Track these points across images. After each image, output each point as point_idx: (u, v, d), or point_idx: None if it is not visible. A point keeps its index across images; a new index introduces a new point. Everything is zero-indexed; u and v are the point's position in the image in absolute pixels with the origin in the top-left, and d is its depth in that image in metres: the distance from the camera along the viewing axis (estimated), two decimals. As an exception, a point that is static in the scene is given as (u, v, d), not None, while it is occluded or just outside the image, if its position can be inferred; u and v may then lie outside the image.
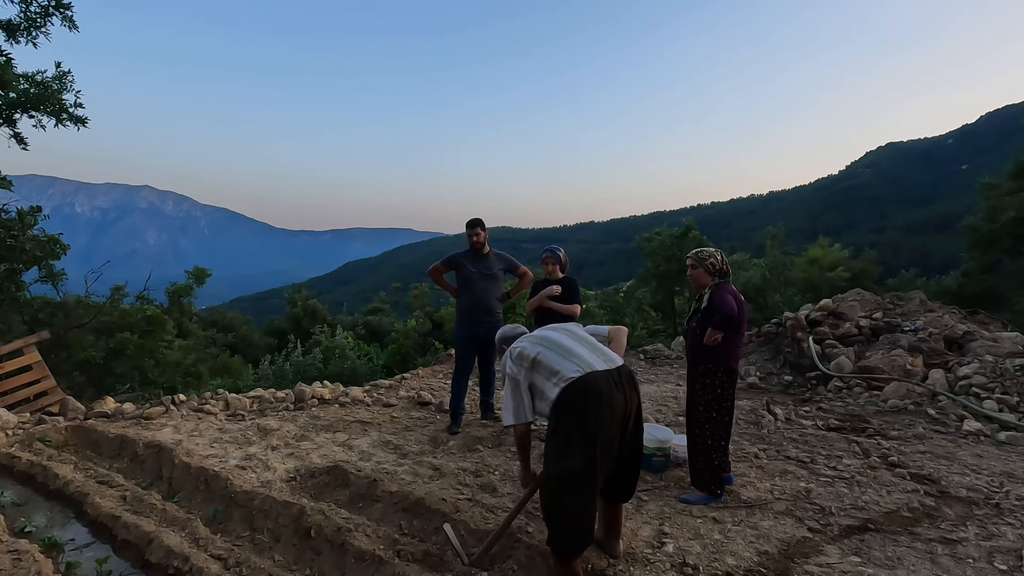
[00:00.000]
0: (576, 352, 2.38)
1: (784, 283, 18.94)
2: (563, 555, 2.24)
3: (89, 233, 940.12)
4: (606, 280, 50.67)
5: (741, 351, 3.42)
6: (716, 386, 3.26)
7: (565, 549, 2.22)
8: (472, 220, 4.69)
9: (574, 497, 2.20)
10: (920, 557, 2.65)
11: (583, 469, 2.19)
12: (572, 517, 2.20)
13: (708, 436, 3.27)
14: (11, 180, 9.01)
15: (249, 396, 5.68)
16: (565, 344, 2.43)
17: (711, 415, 3.27)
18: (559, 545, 2.23)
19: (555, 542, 2.23)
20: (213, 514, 3.16)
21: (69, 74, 8.78)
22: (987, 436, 4.47)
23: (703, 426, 3.28)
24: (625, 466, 2.43)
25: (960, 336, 6.15)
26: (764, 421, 4.79)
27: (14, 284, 9.33)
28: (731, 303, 3.17)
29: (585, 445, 2.19)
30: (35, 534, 2.99)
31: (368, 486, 3.28)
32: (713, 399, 3.27)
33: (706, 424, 3.27)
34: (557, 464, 2.22)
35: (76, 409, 5.40)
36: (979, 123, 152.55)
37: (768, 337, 7.37)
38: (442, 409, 5.31)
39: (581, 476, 2.19)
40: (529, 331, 2.77)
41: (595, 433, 2.19)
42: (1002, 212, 16.03)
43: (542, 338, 2.51)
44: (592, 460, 2.19)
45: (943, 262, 36.41)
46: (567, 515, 2.21)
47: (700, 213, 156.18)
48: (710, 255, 3.37)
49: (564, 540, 2.22)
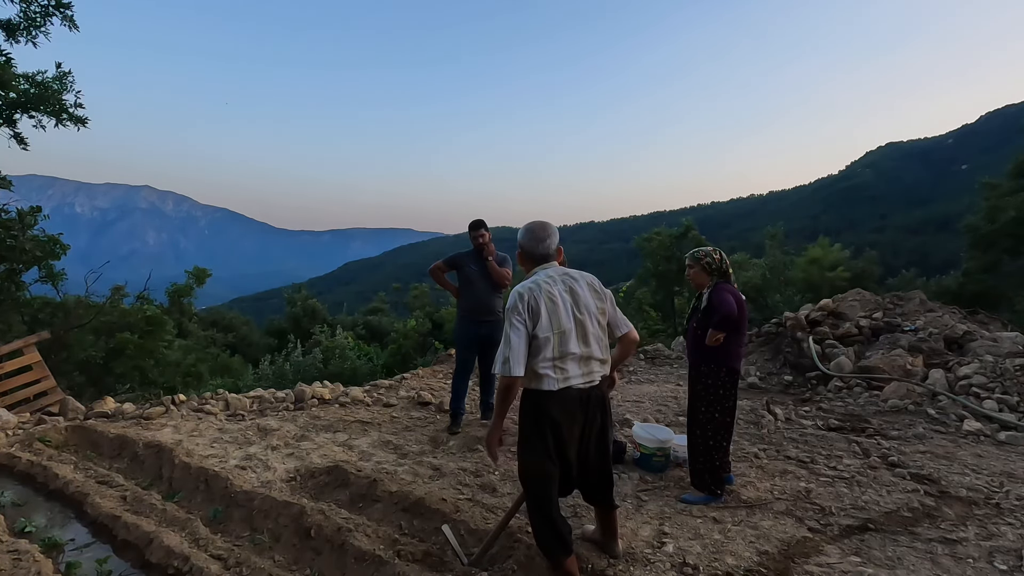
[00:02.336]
0: (568, 352, 2.25)
1: (784, 283, 18.95)
2: (545, 554, 2.34)
3: (89, 233, 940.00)
4: (606, 280, 50.57)
5: (742, 351, 3.40)
6: (718, 387, 3.25)
7: (541, 546, 2.34)
8: (476, 222, 4.69)
9: (535, 491, 2.31)
10: (920, 557, 2.65)
11: (536, 466, 2.30)
12: (539, 511, 2.31)
13: (710, 437, 3.26)
14: (11, 180, 9.02)
15: (249, 396, 5.68)
16: (566, 332, 2.26)
17: (713, 416, 3.26)
18: (538, 543, 2.35)
19: (536, 540, 2.36)
20: (213, 514, 3.16)
21: (69, 74, 8.80)
22: (987, 436, 4.47)
23: (704, 427, 3.27)
24: (593, 475, 2.45)
25: (960, 336, 6.15)
26: (764, 421, 4.79)
27: (14, 284, 9.34)
28: (731, 303, 3.15)
29: (540, 448, 2.29)
30: (35, 534, 2.99)
31: (368, 486, 3.28)
32: (715, 400, 3.26)
33: (708, 425, 3.27)
34: (519, 456, 2.36)
35: (76, 409, 5.40)
36: (979, 123, 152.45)
37: (768, 337, 7.37)
38: (442, 409, 5.31)
39: (535, 470, 2.30)
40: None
41: (547, 442, 2.28)
42: (1002, 212, 16.04)
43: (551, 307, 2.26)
44: (545, 461, 2.28)
45: (943, 262, 36.40)
46: (536, 508, 2.32)
47: (700, 213, 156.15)
48: (706, 254, 3.34)
49: (541, 539, 2.33)
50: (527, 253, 2.48)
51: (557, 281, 2.34)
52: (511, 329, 2.24)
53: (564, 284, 2.34)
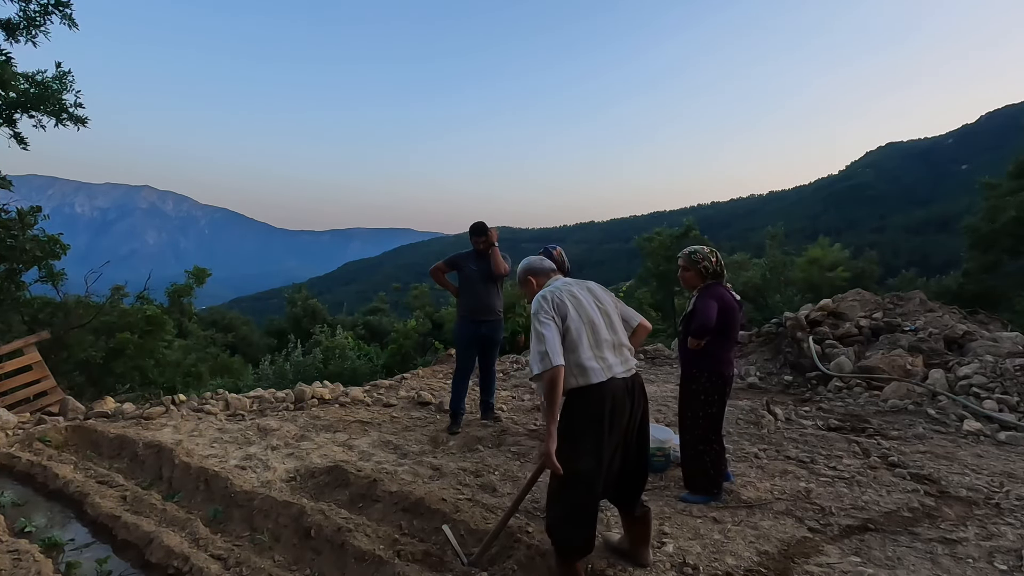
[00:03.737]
0: (602, 340, 2.33)
1: (784, 283, 18.96)
2: (561, 551, 2.26)
3: (89, 233, 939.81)
4: (606, 280, 50.66)
5: (731, 355, 3.32)
6: (701, 391, 3.22)
7: (560, 542, 2.25)
8: (476, 227, 4.68)
9: (575, 496, 2.23)
10: (920, 557, 2.65)
11: (588, 471, 2.22)
12: (571, 514, 2.23)
13: (698, 440, 3.25)
14: (11, 180, 9.02)
15: (249, 396, 5.68)
16: (595, 322, 2.35)
17: (697, 420, 3.24)
18: (555, 538, 2.26)
19: (552, 534, 2.26)
20: (213, 514, 3.15)
21: (69, 74, 8.79)
22: (987, 436, 4.47)
23: (692, 431, 3.26)
24: (630, 471, 2.42)
25: (960, 336, 6.15)
26: (764, 421, 4.79)
27: (14, 284, 9.34)
28: (711, 311, 3.09)
29: (593, 449, 2.22)
30: (35, 534, 2.99)
31: (368, 486, 3.28)
32: (698, 405, 3.23)
33: (695, 429, 3.25)
34: (563, 462, 2.22)
35: (76, 409, 5.40)
36: (979, 123, 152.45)
37: (768, 337, 7.37)
38: (442, 409, 5.31)
39: (584, 477, 2.22)
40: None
41: (602, 439, 2.22)
42: (1002, 212, 16.05)
43: (576, 301, 2.37)
44: (597, 464, 2.22)
45: (943, 262, 36.39)
46: (566, 512, 2.24)
47: (700, 213, 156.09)
48: (703, 257, 3.27)
49: (559, 533, 2.25)
50: (534, 271, 2.63)
51: (572, 284, 2.51)
52: (541, 327, 2.25)
53: (578, 286, 2.50)
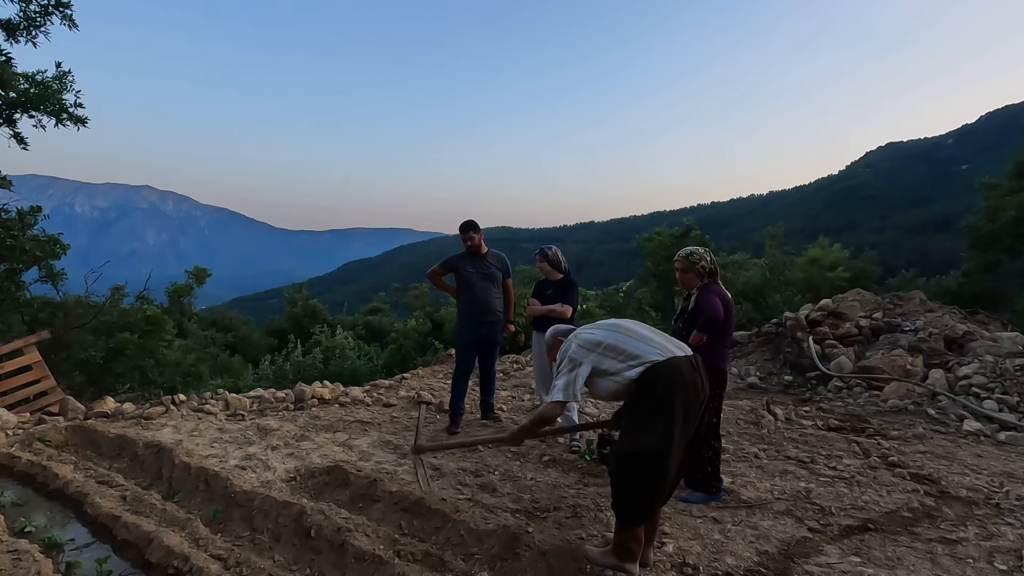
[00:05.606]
0: (652, 338, 2.43)
1: (784, 283, 18.94)
2: (625, 519, 2.34)
3: (89, 233, 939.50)
4: (606, 280, 50.59)
5: (727, 352, 3.40)
6: None
7: (625, 515, 2.33)
8: (464, 224, 4.68)
9: (645, 474, 2.27)
10: (920, 557, 2.65)
11: (658, 449, 2.25)
12: (640, 491, 2.29)
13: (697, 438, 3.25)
14: (11, 180, 9.02)
15: (249, 396, 5.68)
16: (637, 330, 2.49)
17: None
18: (621, 511, 2.34)
19: (618, 508, 2.35)
20: (213, 514, 3.15)
21: (69, 74, 8.78)
22: (987, 436, 4.47)
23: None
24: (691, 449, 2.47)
25: (960, 336, 6.15)
26: (764, 421, 4.79)
27: (14, 284, 9.34)
28: (717, 306, 3.14)
29: (664, 426, 2.25)
30: (35, 534, 2.99)
31: (368, 486, 3.28)
32: None
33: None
34: (633, 442, 2.29)
35: (76, 409, 5.39)
36: (979, 123, 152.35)
37: (768, 337, 7.37)
38: (442, 409, 5.31)
39: (655, 455, 2.25)
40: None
41: (673, 416, 2.24)
42: (1002, 212, 16.04)
43: (613, 325, 2.54)
44: (668, 441, 2.24)
45: (943, 262, 36.38)
46: (636, 489, 2.29)
47: (700, 213, 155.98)
48: (700, 258, 3.33)
49: (626, 508, 2.33)
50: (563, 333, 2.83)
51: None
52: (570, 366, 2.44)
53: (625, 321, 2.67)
